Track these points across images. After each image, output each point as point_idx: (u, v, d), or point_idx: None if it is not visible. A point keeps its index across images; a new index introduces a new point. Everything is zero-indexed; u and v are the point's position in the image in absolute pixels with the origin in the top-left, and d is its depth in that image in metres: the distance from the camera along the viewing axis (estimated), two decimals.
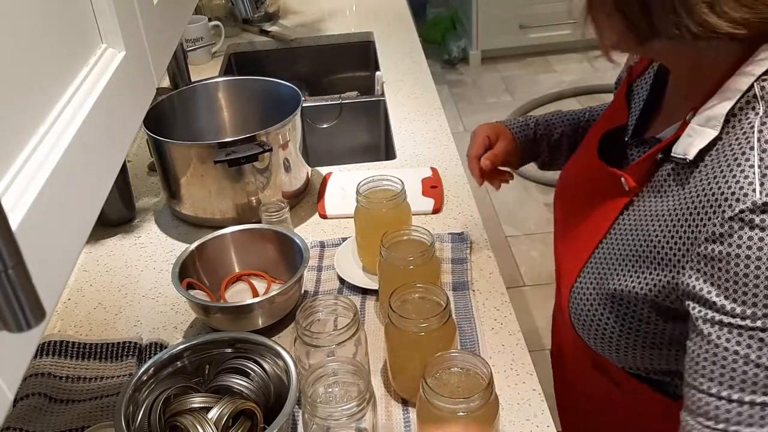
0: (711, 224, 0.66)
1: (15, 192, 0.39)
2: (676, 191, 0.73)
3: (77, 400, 1.02)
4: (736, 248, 0.64)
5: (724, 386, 0.66)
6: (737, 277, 0.64)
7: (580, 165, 0.95)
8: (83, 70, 0.52)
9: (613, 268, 0.80)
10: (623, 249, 0.79)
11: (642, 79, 0.92)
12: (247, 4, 1.95)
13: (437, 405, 0.80)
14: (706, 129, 0.70)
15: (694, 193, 0.70)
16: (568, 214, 0.96)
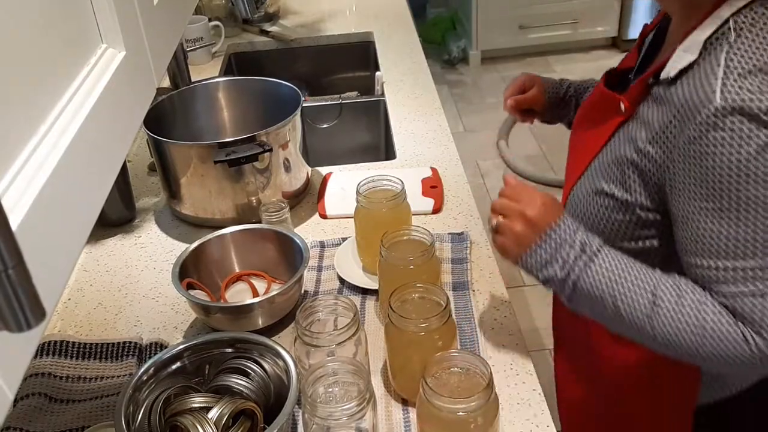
0: (687, 129, 0.79)
1: (15, 192, 0.39)
2: (659, 108, 0.85)
3: (77, 400, 1.02)
4: (705, 147, 0.77)
5: (711, 258, 0.80)
6: (708, 170, 0.77)
7: (590, 100, 1.05)
8: (83, 70, 0.52)
9: (603, 173, 0.93)
10: (612, 159, 0.91)
11: (653, 32, 1.02)
12: (247, 5, 1.95)
13: (437, 405, 0.80)
14: (687, 54, 0.82)
15: (673, 106, 0.82)
16: (575, 140, 1.06)
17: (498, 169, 3.28)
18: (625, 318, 0.84)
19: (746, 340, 0.79)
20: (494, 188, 3.15)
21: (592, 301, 0.86)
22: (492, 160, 3.33)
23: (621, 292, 0.84)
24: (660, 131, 0.84)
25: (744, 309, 0.79)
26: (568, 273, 0.86)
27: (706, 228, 0.80)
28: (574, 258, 0.86)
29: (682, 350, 0.82)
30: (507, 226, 0.90)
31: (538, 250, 0.87)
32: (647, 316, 0.83)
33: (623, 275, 0.84)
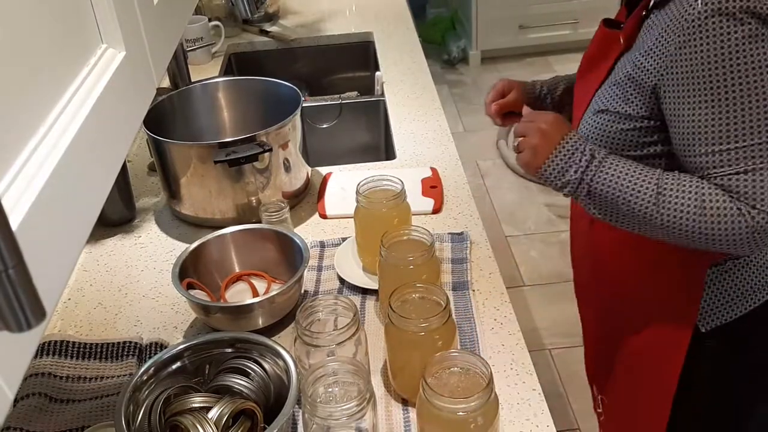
0: (676, 36, 0.90)
1: (15, 192, 0.39)
2: (651, 30, 0.96)
3: (77, 399, 1.02)
4: (692, 47, 0.88)
5: (705, 145, 0.91)
6: (697, 67, 0.89)
7: (591, 49, 1.14)
8: (83, 70, 0.52)
9: (605, 96, 1.03)
10: (613, 81, 1.02)
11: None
12: (247, 5, 1.95)
13: (437, 405, 0.80)
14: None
15: (662, 23, 0.93)
16: (579, 85, 1.15)
17: (498, 169, 3.28)
18: (635, 210, 0.95)
19: (743, 214, 0.89)
20: (494, 188, 3.15)
21: (604, 200, 0.97)
22: (492, 160, 3.33)
23: (629, 187, 0.95)
24: (652, 46, 0.94)
25: (738, 186, 0.89)
26: (582, 176, 0.97)
27: (699, 119, 0.90)
28: (586, 163, 0.97)
29: (685, 233, 0.92)
30: (526, 142, 1.02)
31: (555, 159, 0.99)
32: (653, 204, 0.93)
33: (629, 173, 0.96)
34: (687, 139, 0.93)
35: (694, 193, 0.92)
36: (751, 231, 0.89)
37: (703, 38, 0.87)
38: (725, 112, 0.89)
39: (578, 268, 1.32)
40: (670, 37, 0.91)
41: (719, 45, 0.87)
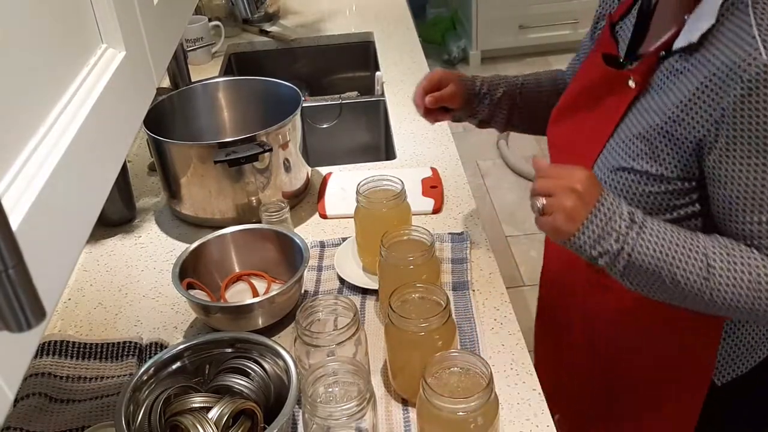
0: (732, 89, 0.80)
1: (15, 192, 0.39)
2: (682, 75, 0.87)
3: (77, 399, 1.02)
4: (755, 103, 0.78)
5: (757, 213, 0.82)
6: (759, 125, 0.79)
7: (582, 85, 1.07)
8: (83, 70, 0.52)
9: (625, 151, 0.93)
10: (632, 133, 0.92)
11: (624, 20, 1.05)
12: (247, 5, 1.95)
13: (437, 405, 0.80)
14: (701, 21, 0.85)
15: (703, 70, 0.84)
16: (575, 123, 1.06)
17: (498, 169, 3.28)
18: (681, 285, 0.84)
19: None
20: (494, 188, 3.15)
21: (646, 272, 0.85)
22: (492, 160, 3.33)
23: (675, 258, 0.84)
24: (692, 96, 0.84)
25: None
26: (623, 245, 0.84)
27: (755, 183, 0.81)
28: (626, 228, 0.84)
29: (738, 310, 0.84)
30: (556, 204, 0.85)
31: (590, 225, 0.84)
32: (704, 278, 0.83)
33: (674, 241, 0.84)
34: (737, 204, 0.84)
35: (746, 266, 0.83)
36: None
37: None
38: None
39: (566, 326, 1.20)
40: (721, 90, 0.81)
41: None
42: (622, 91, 0.95)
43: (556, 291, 1.22)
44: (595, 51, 1.07)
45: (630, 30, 1.02)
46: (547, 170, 0.89)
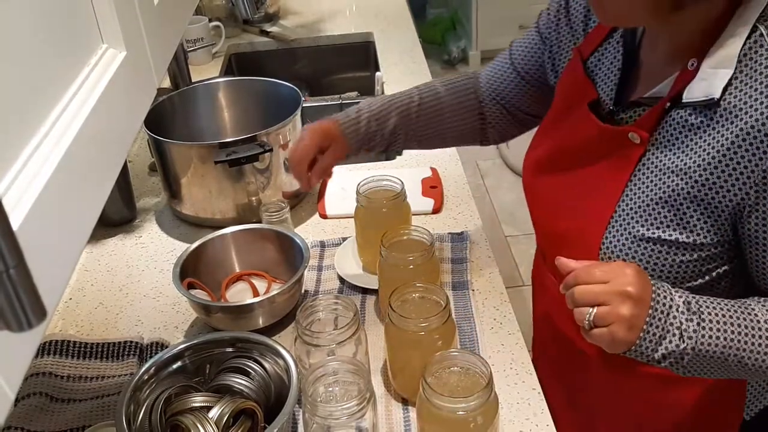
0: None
1: (16, 192, 0.39)
2: (703, 135, 0.79)
3: (78, 399, 1.02)
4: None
5: None
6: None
7: (569, 136, 0.96)
8: (84, 70, 0.52)
9: (643, 218, 0.84)
10: (650, 198, 0.83)
11: (597, 57, 0.96)
12: (248, 5, 1.95)
13: (437, 404, 0.80)
14: (719, 70, 0.77)
15: (731, 126, 0.76)
16: (564, 180, 0.97)
17: (498, 169, 3.28)
18: (749, 366, 0.78)
19: None
20: (494, 188, 3.15)
21: (711, 361, 0.78)
22: (492, 160, 3.33)
23: (740, 341, 0.77)
24: (723, 157, 0.76)
25: None
26: (687, 342, 0.76)
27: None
28: (687, 322, 0.76)
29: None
30: (613, 315, 0.75)
31: (650, 328, 0.75)
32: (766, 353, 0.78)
33: (735, 322, 0.77)
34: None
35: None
36: None
37: None
38: None
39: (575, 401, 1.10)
40: (759, 148, 0.74)
41: None
42: (625, 146, 0.86)
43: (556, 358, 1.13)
44: (569, 93, 0.98)
45: (615, 71, 0.92)
46: (589, 274, 0.77)
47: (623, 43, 0.92)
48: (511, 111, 1.16)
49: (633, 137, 0.85)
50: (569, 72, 1.00)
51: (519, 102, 1.14)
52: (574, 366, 1.07)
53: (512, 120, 1.17)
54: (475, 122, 1.17)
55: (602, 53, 0.95)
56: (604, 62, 0.94)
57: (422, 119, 1.14)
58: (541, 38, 1.09)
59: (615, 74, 0.92)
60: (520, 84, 1.13)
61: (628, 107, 0.89)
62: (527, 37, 1.13)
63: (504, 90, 1.15)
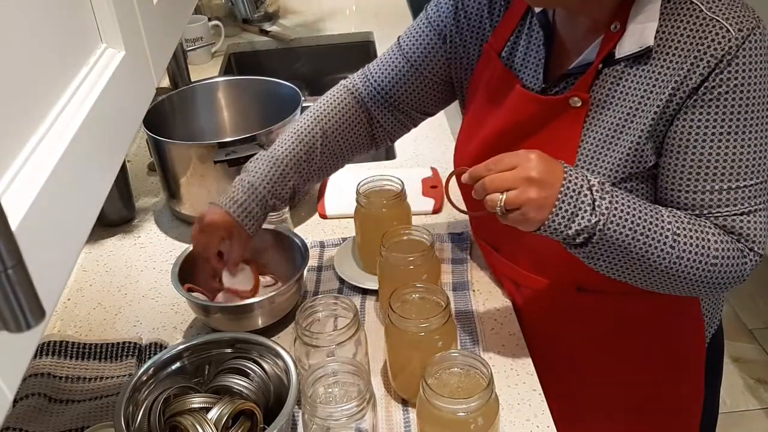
0: (699, 69, 0.82)
1: (15, 192, 0.39)
2: (635, 80, 0.87)
3: (77, 400, 1.02)
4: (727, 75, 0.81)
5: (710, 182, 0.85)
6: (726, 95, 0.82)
7: (503, 125, 0.99)
8: (83, 69, 0.52)
9: (602, 173, 0.91)
10: (603, 151, 0.91)
11: (511, 44, 1.00)
12: (247, 4, 1.95)
13: (437, 405, 0.80)
14: (646, 24, 0.86)
15: (660, 63, 0.85)
16: None
17: None
18: (650, 261, 0.84)
19: (744, 255, 0.86)
20: None
21: (619, 249, 0.83)
22: None
23: (646, 230, 0.83)
24: (653, 88, 0.86)
25: (742, 227, 0.86)
26: (599, 217, 0.81)
27: (710, 152, 0.84)
28: (600, 199, 0.82)
29: (696, 281, 0.86)
30: (522, 198, 0.80)
31: (562, 205, 0.81)
32: (671, 246, 0.84)
33: (642, 212, 0.84)
34: (689, 173, 0.86)
35: (705, 234, 0.85)
36: (747, 272, 0.88)
37: (740, 62, 0.81)
38: (741, 147, 0.84)
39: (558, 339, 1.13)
40: (690, 70, 0.83)
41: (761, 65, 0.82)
42: (568, 112, 0.92)
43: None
44: (492, 87, 1.02)
45: (539, 53, 0.96)
46: (497, 162, 0.83)
47: (540, 26, 0.96)
48: (404, 110, 1.15)
49: (574, 101, 0.91)
50: (484, 68, 1.03)
51: (414, 100, 1.13)
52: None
53: (404, 120, 1.17)
54: (366, 134, 1.16)
55: (515, 42, 1.00)
56: (520, 49, 1.00)
57: (320, 162, 1.10)
58: (437, 36, 1.08)
59: (540, 55, 0.97)
60: (416, 81, 1.11)
61: (558, 81, 0.95)
62: (419, 33, 1.10)
63: (398, 90, 1.12)
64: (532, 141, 0.96)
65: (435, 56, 1.09)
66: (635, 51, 0.87)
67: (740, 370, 2.30)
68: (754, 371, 2.30)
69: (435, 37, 1.08)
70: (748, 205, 0.86)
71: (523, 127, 0.97)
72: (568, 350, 1.10)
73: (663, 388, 1.10)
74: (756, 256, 0.88)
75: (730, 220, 0.86)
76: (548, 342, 1.10)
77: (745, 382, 2.27)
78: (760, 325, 2.46)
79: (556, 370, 1.08)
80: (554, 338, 1.10)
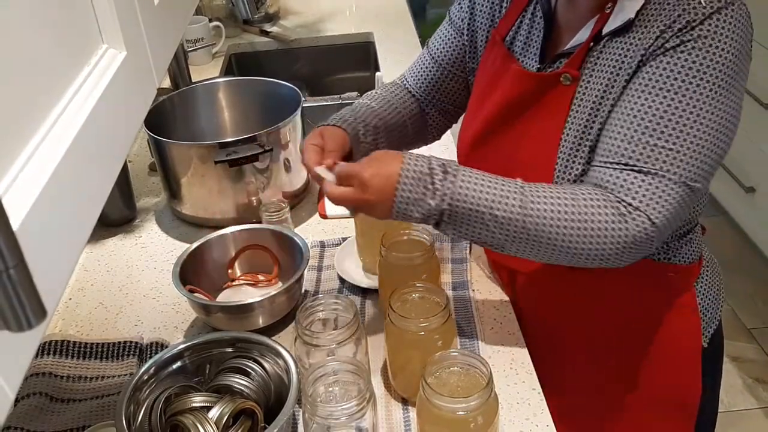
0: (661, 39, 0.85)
1: (16, 192, 0.39)
2: (613, 51, 0.91)
3: (78, 399, 1.02)
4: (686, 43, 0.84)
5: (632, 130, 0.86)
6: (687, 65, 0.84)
7: (501, 103, 1.03)
8: (84, 70, 0.52)
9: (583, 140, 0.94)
10: (589, 124, 0.93)
11: (514, 30, 1.05)
12: (248, 5, 1.95)
13: (437, 404, 0.80)
14: (633, 1, 0.89)
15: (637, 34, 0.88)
16: (510, 143, 1.03)
17: None
18: (501, 221, 0.86)
19: (623, 216, 0.84)
20: None
21: (469, 218, 0.86)
22: None
23: (491, 193, 0.86)
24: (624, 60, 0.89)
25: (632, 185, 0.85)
26: (442, 197, 0.86)
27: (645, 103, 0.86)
28: (441, 181, 0.86)
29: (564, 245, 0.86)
30: (363, 210, 0.90)
31: (402, 194, 0.86)
32: (520, 206, 0.85)
33: (489, 181, 0.87)
34: (617, 119, 0.88)
35: (563, 190, 0.87)
36: (631, 236, 0.84)
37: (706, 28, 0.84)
38: (682, 109, 0.84)
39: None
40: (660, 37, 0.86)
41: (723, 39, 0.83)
42: (558, 89, 0.96)
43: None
44: (494, 71, 1.05)
45: (538, 35, 1.01)
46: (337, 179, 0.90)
47: (542, 12, 1.01)
48: (443, 108, 1.23)
49: (565, 78, 0.95)
50: (489, 53, 1.08)
51: (449, 97, 1.21)
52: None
53: (447, 116, 1.25)
54: (422, 127, 1.22)
55: (518, 27, 1.05)
56: (522, 33, 1.04)
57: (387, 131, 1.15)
58: (457, 32, 1.14)
59: (538, 37, 1.01)
60: (447, 80, 1.18)
61: (553, 61, 0.99)
62: (443, 33, 1.17)
63: (435, 89, 1.20)
64: (525, 117, 1.01)
65: (455, 51, 1.15)
66: (618, 25, 0.90)
67: (739, 369, 2.31)
68: (753, 371, 2.31)
69: (454, 33, 1.15)
70: (652, 166, 0.84)
71: (517, 105, 1.01)
72: (565, 342, 1.11)
73: (659, 385, 1.10)
74: (646, 221, 0.84)
75: (623, 174, 0.85)
76: (545, 334, 1.11)
77: (743, 381, 2.27)
78: (759, 325, 2.47)
79: (554, 366, 1.09)
80: (551, 329, 1.11)
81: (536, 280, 1.09)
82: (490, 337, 1.09)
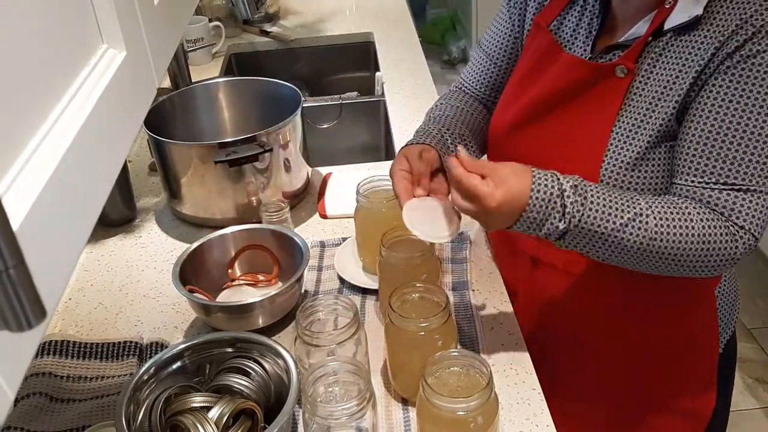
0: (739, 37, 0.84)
1: (16, 192, 0.39)
2: (680, 51, 0.90)
3: (78, 399, 1.02)
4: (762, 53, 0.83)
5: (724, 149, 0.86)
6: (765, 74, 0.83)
7: (546, 90, 1.02)
8: (84, 70, 0.52)
9: (643, 136, 0.92)
10: (641, 122, 0.92)
11: (561, 18, 1.05)
12: (248, 5, 1.95)
13: (437, 404, 0.80)
14: None
15: (705, 35, 0.87)
16: (551, 134, 1.02)
17: None
18: (625, 245, 0.86)
19: (733, 235, 0.86)
20: None
21: (592, 239, 0.86)
22: None
23: (621, 220, 0.85)
24: (691, 57, 0.88)
25: (735, 204, 0.85)
26: (570, 220, 0.85)
27: (728, 118, 0.85)
28: (572, 204, 0.85)
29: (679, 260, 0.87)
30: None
31: (529, 214, 0.85)
32: (645, 231, 0.85)
33: (617, 202, 0.86)
34: (700, 137, 0.87)
35: (676, 207, 0.87)
36: (740, 253, 0.87)
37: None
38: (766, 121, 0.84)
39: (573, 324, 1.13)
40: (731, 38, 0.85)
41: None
42: (612, 81, 0.95)
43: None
44: (538, 57, 1.04)
45: (593, 24, 1.00)
46: (460, 188, 0.86)
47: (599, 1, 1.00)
48: None
49: (621, 70, 0.93)
50: (532, 40, 1.07)
51: None
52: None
53: None
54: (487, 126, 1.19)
55: (565, 16, 1.04)
56: (570, 21, 1.04)
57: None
58: (510, 23, 1.13)
59: (593, 27, 1.00)
60: (506, 75, 1.16)
61: (604, 53, 0.98)
62: (495, 29, 1.16)
63: (496, 87, 1.18)
64: (572, 107, 0.99)
65: (509, 45, 1.14)
66: (684, 21, 0.88)
67: (739, 369, 2.30)
68: (754, 371, 2.31)
69: (508, 25, 1.14)
70: (749, 182, 0.85)
71: (565, 93, 1.00)
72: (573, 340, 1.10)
73: (672, 392, 1.09)
74: (751, 239, 0.86)
75: (725, 194, 0.86)
76: (553, 332, 1.10)
77: (744, 381, 2.27)
78: (759, 325, 2.47)
79: (560, 365, 1.09)
80: (562, 324, 1.10)
81: (558, 270, 1.07)
82: (490, 337, 1.09)
